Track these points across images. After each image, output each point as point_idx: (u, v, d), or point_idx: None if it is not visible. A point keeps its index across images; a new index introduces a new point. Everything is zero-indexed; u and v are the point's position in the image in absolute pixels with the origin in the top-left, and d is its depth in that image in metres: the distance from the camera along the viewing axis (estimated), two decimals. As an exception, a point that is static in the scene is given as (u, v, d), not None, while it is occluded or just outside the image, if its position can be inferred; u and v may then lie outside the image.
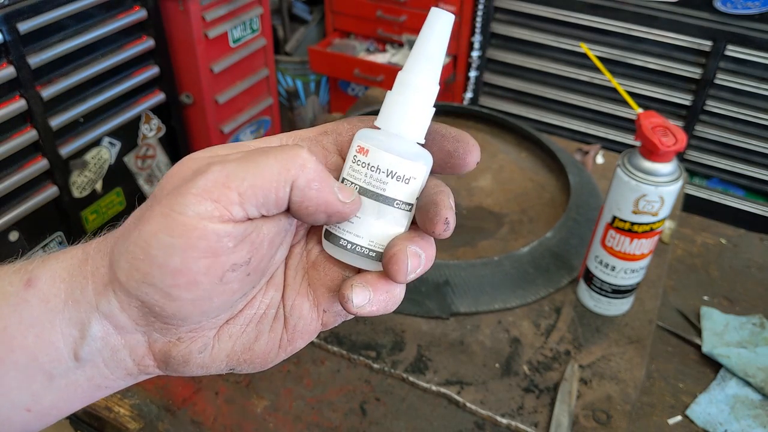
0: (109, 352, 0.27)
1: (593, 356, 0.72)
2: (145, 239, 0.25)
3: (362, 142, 0.28)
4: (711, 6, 1.61)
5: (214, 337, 0.29)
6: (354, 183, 0.28)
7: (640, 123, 0.66)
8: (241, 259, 0.26)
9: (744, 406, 0.70)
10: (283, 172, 0.25)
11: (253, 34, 1.85)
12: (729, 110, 1.68)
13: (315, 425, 0.64)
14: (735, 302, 0.83)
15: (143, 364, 0.28)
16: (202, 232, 0.24)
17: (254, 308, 0.30)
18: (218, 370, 0.30)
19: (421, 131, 0.29)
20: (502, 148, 1.08)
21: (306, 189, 0.26)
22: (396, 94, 0.29)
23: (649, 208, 0.67)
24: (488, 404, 0.66)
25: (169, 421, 0.64)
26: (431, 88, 0.29)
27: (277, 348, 0.30)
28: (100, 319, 0.27)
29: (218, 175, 0.25)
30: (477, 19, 1.88)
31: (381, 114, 0.29)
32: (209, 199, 0.24)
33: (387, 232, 0.29)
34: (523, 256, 0.80)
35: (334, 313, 0.31)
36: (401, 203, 0.29)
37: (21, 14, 1.26)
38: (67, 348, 0.27)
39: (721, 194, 1.80)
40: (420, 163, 0.28)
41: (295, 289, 0.30)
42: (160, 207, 0.25)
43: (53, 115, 1.39)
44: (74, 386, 0.28)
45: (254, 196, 0.25)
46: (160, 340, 0.28)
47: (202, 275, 0.25)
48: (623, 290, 0.74)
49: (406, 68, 0.29)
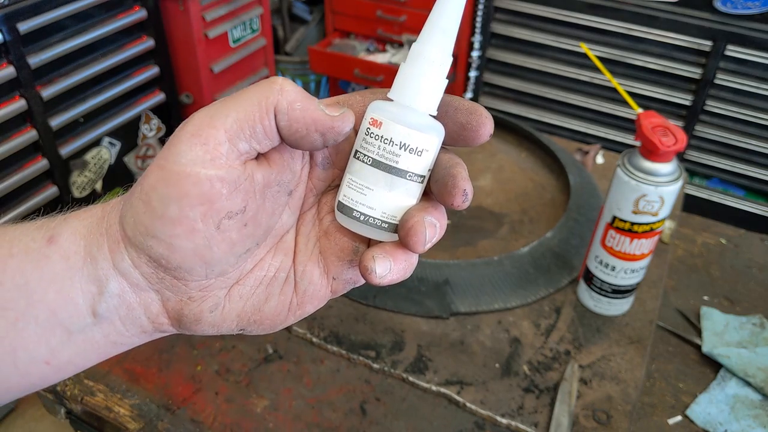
0: (125, 310, 0.28)
1: (593, 356, 0.72)
2: (145, 192, 0.26)
3: (375, 115, 0.28)
4: (711, 6, 1.61)
5: (225, 297, 0.30)
6: (367, 155, 0.28)
7: (640, 123, 0.66)
8: (235, 207, 0.27)
9: (744, 406, 0.70)
10: (262, 100, 0.26)
11: (253, 34, 1.85)
12: (729, 110, 1.68)
13: (315, 425, 0.64)
14: (735, 302, 0.83)
15: (158, 322, 0.29)
16: (195, 179, 0.25)
17: (264, 270, 0.31)
18: (229, 330, 0.31)
19: (434, 103, 0.29)
20: (502, 148, 1.08)
21: (290, 111, 0.26)
22: (409, 65, 0.29)
23: (649, 208, 0.67)
24: (488, 404, 0.66)
25: (169, 421, 0.64)
26: (445, 60, 0.29)
27: (287, 311, 0.31)
28: (116, 276, 0.28)
29: (202, 116, 0.26)
30: (477, 18, 1.88)
31: (394, 85, 0.29)
32: (198, 144, 0.25)
33: (399, 204, 0.29)
34: (524, 256, 0.79)
35: (343, 281, 0.31)
36: (414, 175, 0.29)
37: (21, 14, 1.26)
38: (85, 304, 0.28)
39: (722, 194, 1.80)
40: (432, 135, 0.28)
41: (307, 255, 0.31)
42: (157, 160, 0.26)
43: (53, 115, 1.39)
44: (91, 342, 0.29)
45: (240, 129, 0.26)
46: (173, 298, 0.29)
47: (199, 222, 0.26)
48: (623, 290, 0.74)
49: (420, 40, 0.29)
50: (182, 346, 0.72)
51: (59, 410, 0.69)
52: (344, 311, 0.76)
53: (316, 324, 0.74)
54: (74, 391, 0.67)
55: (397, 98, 0.29)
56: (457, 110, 0.30)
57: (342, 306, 0.77)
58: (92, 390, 0.67)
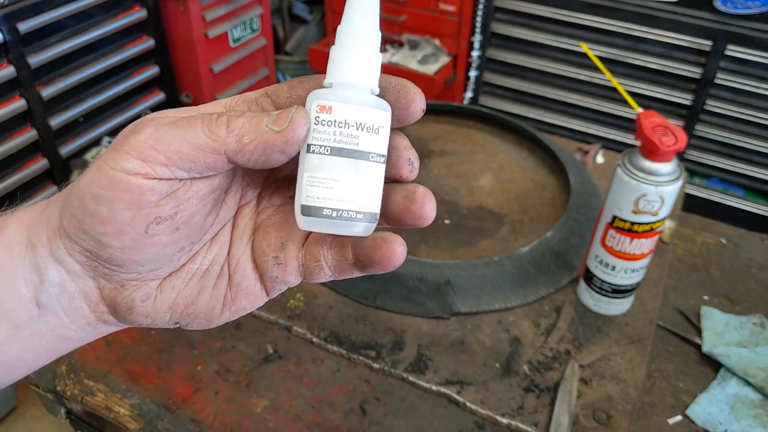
0: (66, 300, 0.29)
1: (593, 356, 0.72)
2: (81, 189, 0.27)
3: (321, 101, 0.27)
4: (711, 6, 1.61)
5: (157, 288, 0.30)
6: (323, 145, 0.27)
7: (641, 122, 0.66)
8: (165, 213, 0.27)
9: (744, 406, 0.70)
10: (210, 144, 0.26)
11: (253, 34, 1.85)
12: (729, 110, 1.68)
13: (315, 425, 0.64)
14: (735, 302, 0.83)
15: (98, 311, 0.30)
16: (127, 185, 0.26)
17: (197, 263, 0.30)
18: (164, 323, 0.30)
19: (375, 79, 0.28)
20: (502, 147, 1.08)
21: (240, 150, 0.26)
22: (341, 46, 0.28)
23: (649, 207, 0.67)
24: (488, 404, 0.66)
25: (169, 421, 0.64)
26: (375, 34, 0.28)
27: (221, 305, 0.31)
28: (54, 263, 0.28)
29: (148, 137, 0.26)
30: (477, 18, 1.88)
31: (330, 69, 0.28)
32: (137, 158, 0.26)
33: (370, 190, 0.27)
34: (524, 255, 0.79)
35: (270, 279, 0.30)
36: (376, 155, 0.27)
37: (21, 14, 1.26)
38: (29, 294, 0.28)
39: (722, 194, 1.80)
40: (384, 111, 0.27)
41: (241, 249, 0.31)
42: (98, 161, 0.27)
43: (53, 114, 1.39)
44: (38, 336, 0.29)
45: (181, 161, 0.26)
46: (107, 286, 0.29)
47: (126, 225, 0.26)
48: (623, 290, 0.74)
49: (345, 20, 0.28)
50: (182, 346, 0.72)
51: (59, 410, 0.69)
52: (345, 311, 0.76)
53: (316, 324, 0.74)
54: (74, 390, 0.67)
55: (337, 79, 0.27)
56: (384, 90, 0.29)
57: (342, 306, 0.77)
58: (92, 390, 0.67)
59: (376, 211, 0.28)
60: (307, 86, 0.29)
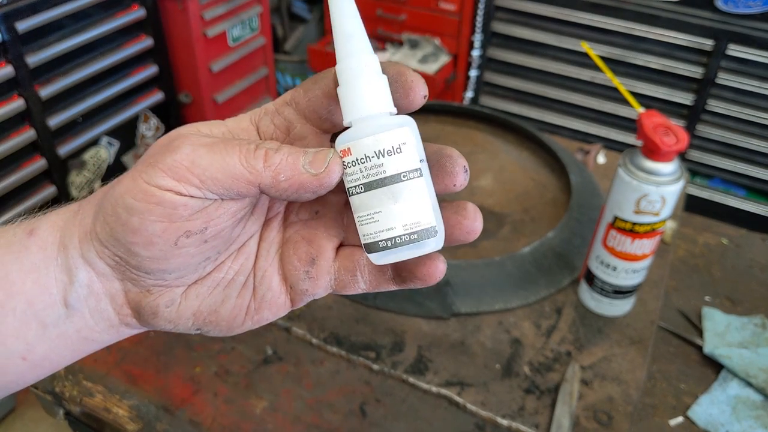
0: (93, 301, 0.29)
1: (594, 357, 0.71)
2: (115, 197, 0.27)
3: (340, 145, 0.28)
4: (712, 5, 1.60)
5: (182, 295, 0.30)
6: (357, 185, 0.28)
7: (642, 122, 0.65)
8: (195, 228, 0.27)
9: (745, 407, 0.70)
10: (247, 175, 0.27)
11: (252, 33, 1.84)
12: (731, 110, 1.68)
13: (314, 426, 0.64)
14: (737, 303, 0.83)
15: (122, 314, 0.30)
16: (160, 198, 0.26)
17: (222, 272, 0.31)
18: (186, 328, 0.31)
19: (387, 101, 0.28)
20: (503, 147, 1.07)
21: (275, 185, 0.27)
22: (345, 85, 0.28)
23: (650, 208, 0.66)
24: (489, 405, 0.66)
25: (167, 422, 0.64)
26: (369, 58, 0.28)
27: (244, 314, 0.31)
28: (84, 264, 0.29)
29: (185, 158, 0.26)
30: (477, 18, 1.88)
31: (345, 110, 0.28)
32: (171, 177, 0.26)
33: (416, 207, 0.28)
34: (525, 256, 0.79)
35: (299, 291, 0.31)
36: (408, 172, 0.28)
37: (19, 13, 1.25)
38: (59, 294, 0.29)
39: (723, 194, 1.80)
40: (399, 127, 0.28)
41: (268, 262, 0.31)
42: (134, 171, 0.27)
43: (51, 114, 1.39)
44: (64, 337, 0.30)
45: (214, 186, 0.27)
46: (133, 290, 0.29)
47: (157, 237, 0.27)
48: (624, 291, 0.74)
49: (339, 57, 0.28)
50: (181, 347, 0.72)
51: (58, 411, 0.69)
52: (344, 312, 0.76)
53: (316, 325, 0.74)
54: (73, 392, 0.67)
55: (351, 119, 0.28)
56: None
57: (342, 307, 0.77)
58: (91, 391, 0.67)
59: (434, 223, 0.28)
60: (323, 84, 0.29)
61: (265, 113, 0.30)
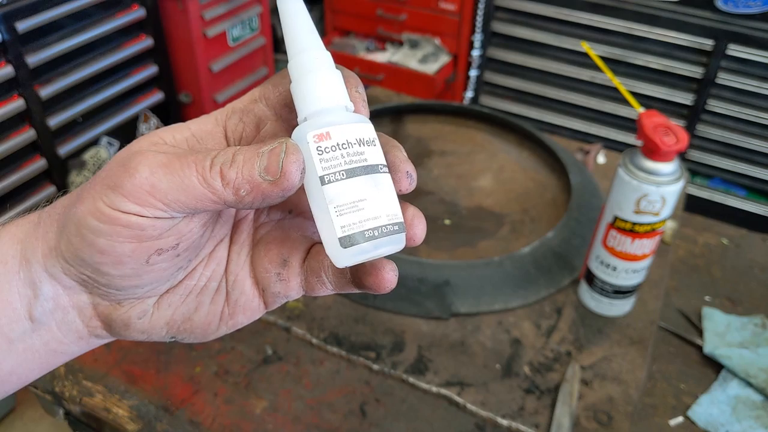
0: (60, 314, 0.29)
1: (594, 357, 0.71)
2: (78, 218, 0.26)
3: (316, 130, 0.26)
4: (712, 5, 1.60)
5: (154, 305, 0.30)
6: (337, 171, 0.26)
7: (642, 122, 0.65)
8: (167, 245, 0.27)
9: (745, 407, 0.70)
10: (207, 195, 0.25)
11: (252, 33, 1.84)
12: (731, 110, 1.67)
13: (314, 426, 0.64)
14: (737, 303, 0.83)
15: (92, 326, 0.29)
16: (126, 222, 0.25)
17: (194, 279, 0.30)
18: (159, 337, 0.30)
19: (344, 95, 0.28)
20: (502, 147, 1.07)
21: (237, 199, 0.26)
22: (298, 81, 0.27)
23: (650, 208, 0.66)
24: (489, 405, 0.66)
25: (167, 422, 0.64)
26: (321, 54, 0.28)
27: (218, 320, 0.31)
28: (49, 279, 0.28)
29: (144, 182, 0.25)
30: (477, 17, 1.88)
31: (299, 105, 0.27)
32: (134, 202, 0.25)
33: (392, 199, 0.27)
34: (524, 256, 0.79)
35: (272, 294, 0.30)
36: (382, 166, 0.27)
37: (19, 13, 1.25)
38: (23, 308, 0.28)
39: (723, 194, 1.80)
40: (367, 123, 0.27)
41: (239, 266, 0.31)
42: (94, 191, 0.26)
43: (51, 114, 1.39)
44: (32, 351, 0.29)
45: (179, 207, 0.25)
46: (102, 303, 0.29)
47: (127, 257, 0.26)
48: (625, 291, 0.74)
49: (290, 55, 0.28)
50: (181, 347, 0.72)
51: (58, 411, 0.69)
52: (344, 312, 0.76)
53: (315, 325, 0.74)
54: (73, 392, 0.66)
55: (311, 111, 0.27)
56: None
57: (342, 307, 0.77)
58: (91, 391, 0.67)
59: (402, 219, 0.28)
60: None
61: (233, 112, 0.29)
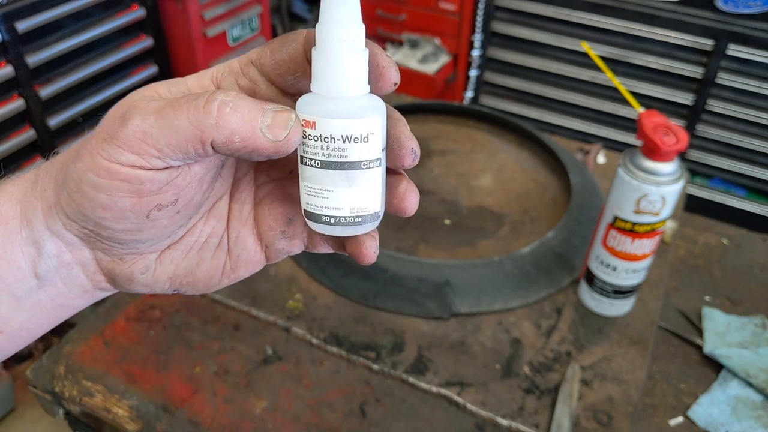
0: (65, 270, 0.29)
1: (594, 357, 0.71)
2: (78, 174, 0.26)
3: (306, 115, 0.26)
4: (712, 5, 1.60)
5: (156, 260, 0.30)
6: (313, 159, 0.27)
7: (642, 122, 0.65)
8: (166, 200, 0.27)
9: (745, 407, 0.70)
10: (197, 134, 0.25)
11: (253, 33, 1.84)
12: (731, 110, 1.67)
13: (314, 426, 0.64)
14: (737, 303, 0.83)
15: (96, 280, 0.30)
16: (125, 176, 0.25)
17: (195, 236, 0.31)
18: (162, 290, 0.31)
19: (362, 82, 0.27)
20: (502, 147, 1.07)
21: (228, 144, 0.25)
22: (321, 52, 0.26)
23: (650, 208, 0.66)
24: (489, 405, 0.66)
25: (167, 422, 0.64)
26: (356, 31, 0.26)
27: (220, 274, 0.31)
28: (51, 236, 0.28)
29: (137, 130, 0.25)
30: (477, 17, 1.88)
31: (314, 77, 0.27)
32: (129, 151, 0.25)
33: (366, 195, 0.27)
34: (524, 256, 0.79)
35: (275, 250, 0.31)
36: (368, 162, 0.27)
37: (20, 13, 1.25)
38: (28, 266, 0.28)
39: (723, 194, 1.80)
40: (373, 116, 0.26)
41: (241, 222, 0.31)
42: (91, 146, 0.26)
43: (52, 114, 1.39)
44: (39, 306, 0.29)
45: (171, 152, 0.25)
46: (105, 258, 0.29)
47: (127, 212, 0.26)
48: (624, 291, 0.74)
49: (322, 20, 0.26)
50: (181, 347, 0.72)
51: (57, 411, 0.69)
52: (344, 312, 0.76)
53: (315, 325, 0.74)
54: (73, 392, 0.66)
55: (322, 90, 0.26)
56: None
57: (342, 307, 0.77)
58: (90, 391, 0.67)
59: (378, 210, 0.28)
60: (290, 49, 0.28)
61: (230, 72, 0.29)
